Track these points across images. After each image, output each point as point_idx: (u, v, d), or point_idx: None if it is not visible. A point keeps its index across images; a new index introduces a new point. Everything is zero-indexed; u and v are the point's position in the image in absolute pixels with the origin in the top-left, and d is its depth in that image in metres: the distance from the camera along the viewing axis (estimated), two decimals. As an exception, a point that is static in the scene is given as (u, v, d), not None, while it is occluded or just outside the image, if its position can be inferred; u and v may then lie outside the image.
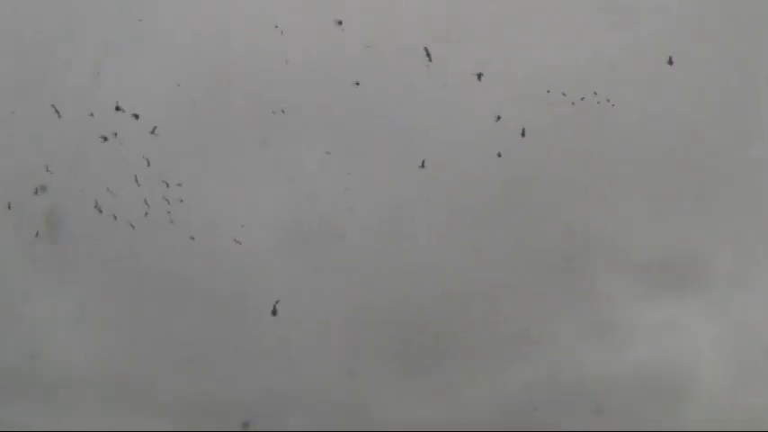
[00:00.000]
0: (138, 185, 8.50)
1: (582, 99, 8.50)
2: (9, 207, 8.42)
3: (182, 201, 8.55)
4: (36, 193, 8.38)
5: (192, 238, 8.63)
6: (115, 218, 8.51)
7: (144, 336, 8.77)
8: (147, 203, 8.52)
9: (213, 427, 8.52)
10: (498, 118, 8.56)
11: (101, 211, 8.42)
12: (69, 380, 8.70)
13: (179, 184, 8.57)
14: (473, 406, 8.73)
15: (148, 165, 8.48)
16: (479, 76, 8.45)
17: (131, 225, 8.51)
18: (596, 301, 8.94)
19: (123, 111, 8.32)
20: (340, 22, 8.32)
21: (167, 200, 8.49)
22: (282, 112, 8.55)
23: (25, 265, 8.62)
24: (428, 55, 8.41)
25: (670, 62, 8.44)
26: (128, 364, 8.74)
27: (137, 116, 8.31)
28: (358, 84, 8.48)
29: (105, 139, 8.30)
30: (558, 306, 8.91)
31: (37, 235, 8.47)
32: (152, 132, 8.40)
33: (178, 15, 8.39)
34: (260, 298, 8.68)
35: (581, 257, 8.84)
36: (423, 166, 8.62)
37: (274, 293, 8.65)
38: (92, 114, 8.37)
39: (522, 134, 8.53)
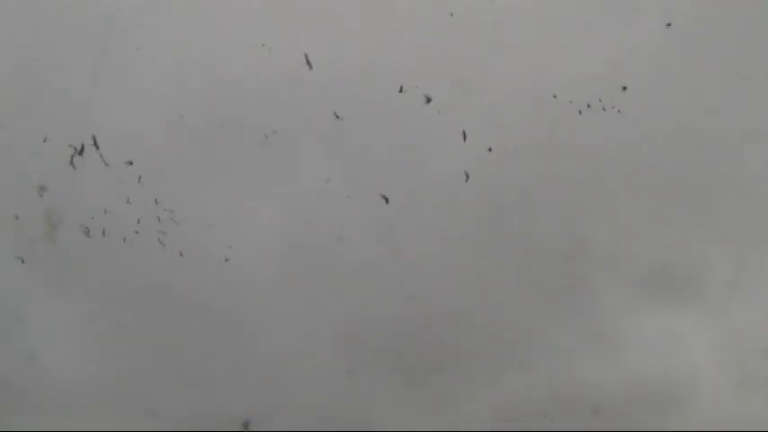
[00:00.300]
0: (130, 203, 8.51)
1: (588, 106, 8.47)
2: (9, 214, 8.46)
3: (175, 221, 8.57)
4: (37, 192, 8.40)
5: (181, 255, 8.63)
6: (104, 233, 8.52)
7: (144, 342, 8.78)
8: (139, 223, 8.54)
9: (213, 427, 8.54)
10: (464, 135, 8.55)
11: (89, 235, 8.43)
12: (68, 384, 8.72)
13: (170, 210, 8.58)
14: (472, 417, 8.73)
15: (139, 181, 8.49)
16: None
17: (124, 240, 8.55)
18: (595, 310, 8.93)
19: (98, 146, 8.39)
20: (308, 62, 8.36)
21: (159, 219, 8.53)
22: (274, 133, 8.57)
23: (24, 271, 8.64)
24: (428, 100, 8.46)
25: (624, 89, 8.44)
26: (127, 370, 8.76)
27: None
28: (337, 116, 8.53)
29: (72, 160, 8.31)
30: (556, 316, 8.90)
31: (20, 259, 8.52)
32: (128, 164, 8.43)
33: (172, 38, 8.36)
34: (259, 311, 8.74)
35: (579, 266, 8.82)
36: (387, 201, 8.65)
37: (273, 306, 8.70)
38: (79, 146, 8.41)
39: (489, 150, 8.51)
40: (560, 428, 8.53)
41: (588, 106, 8.42)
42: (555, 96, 8.40)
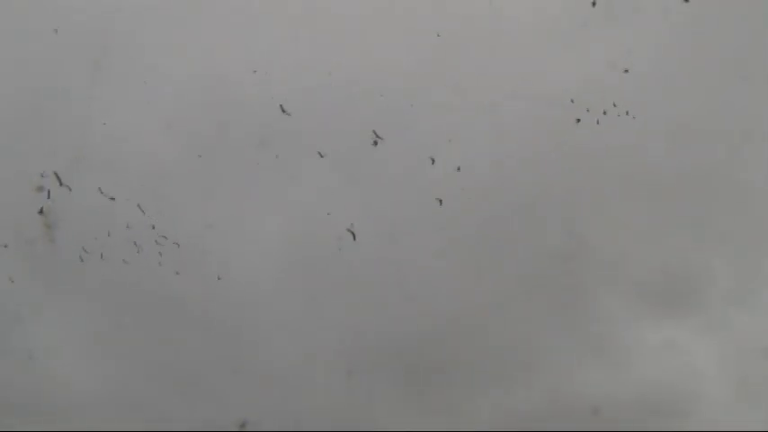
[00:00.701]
0: (129, 229, 8.57)
1: (604, 113, 8.46)
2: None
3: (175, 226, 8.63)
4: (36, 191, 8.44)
5: (178, 274, 8.65)
6: (102, 257, 8.56)
7: (144, 343, 8.76)
8: (136, 245, 8.59)
9: (213, 427, 8.52)
10: (432, 160, 8.62)
11: (82, 261, 8.49)
12: (67, 385, 8.72)
13: (164, 238, 8.63)
14: (473, 418, 8.68)
15: (143, 213, 8.55)
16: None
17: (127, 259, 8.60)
18: (596, 321, 8.88)
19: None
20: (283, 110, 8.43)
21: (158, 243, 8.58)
22: (276, 158, 8.64)
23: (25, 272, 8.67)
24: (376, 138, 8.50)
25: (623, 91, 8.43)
26: (126, 371, 8.75)
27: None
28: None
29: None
30: (557, 320, 8.85)
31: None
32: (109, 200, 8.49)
33: (171, 61, 8.46)
34: (260, 314, 8.76)
35: (580, 269, 8.79)
36: (354, 238, 8.68)
37: (280, 316, 8.73)
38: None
39: (458, 170, 8.55)
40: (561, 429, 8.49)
41: (605, 113, 8.44)
42: (572, 101, 8.43)
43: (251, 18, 8.49)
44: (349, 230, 8.47)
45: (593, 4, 8.20)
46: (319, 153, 8.52)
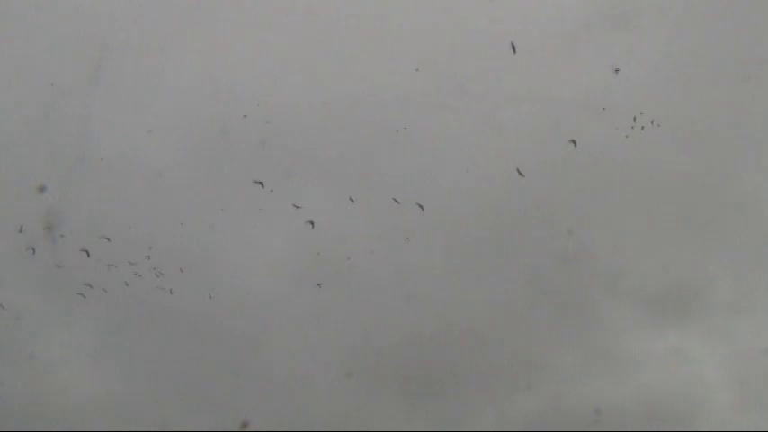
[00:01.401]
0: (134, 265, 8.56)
1: (632, 127, 8.47)
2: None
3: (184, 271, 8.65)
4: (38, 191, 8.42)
5: (168, 288, 8.62)
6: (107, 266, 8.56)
7: (147, 354, 8.79)
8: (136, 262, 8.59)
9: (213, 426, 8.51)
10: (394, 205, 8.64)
11: (90, 290, 8.46)
12: (67, 385, 8.71)
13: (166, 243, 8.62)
14: (473, 426, 8.69)
15: (150, 250, 8.56)
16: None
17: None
18: (600, 329, 8.93)
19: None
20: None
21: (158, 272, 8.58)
22: (288, 178, 8.65)
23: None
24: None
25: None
26: (129, 378, 8.79)
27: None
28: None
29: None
30: (562, 335, 8.90)
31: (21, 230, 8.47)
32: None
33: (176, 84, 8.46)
34: (261, 326, 8.76)
35: (584, 286, 8.81)
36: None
37: (280, 319, 8.74)
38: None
39: (459, 176, 8.59)
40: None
41: (632, 127, 8.45)
42: (604, 109, 8.44)
43: (252, 23, 8.49)
44: (318, 285, 8.53)
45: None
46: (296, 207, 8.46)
